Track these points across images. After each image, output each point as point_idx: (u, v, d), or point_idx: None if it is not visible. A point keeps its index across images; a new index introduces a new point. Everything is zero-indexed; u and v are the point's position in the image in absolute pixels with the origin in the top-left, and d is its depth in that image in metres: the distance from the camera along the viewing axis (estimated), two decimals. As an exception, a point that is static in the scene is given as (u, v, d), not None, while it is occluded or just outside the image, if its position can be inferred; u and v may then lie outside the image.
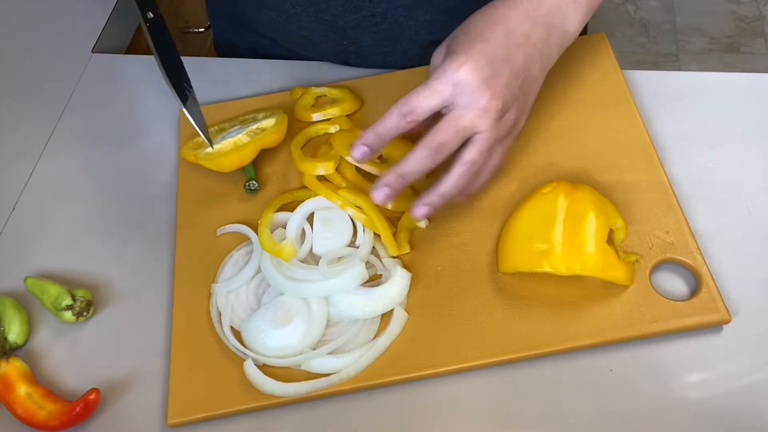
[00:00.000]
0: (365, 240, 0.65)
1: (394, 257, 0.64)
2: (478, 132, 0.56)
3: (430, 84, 0.56)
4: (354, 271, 0.62)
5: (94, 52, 0.89)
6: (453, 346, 0.59)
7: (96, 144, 0.79)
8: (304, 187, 0.69)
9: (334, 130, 0.73)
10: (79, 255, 0.70)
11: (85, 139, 0.80)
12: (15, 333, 0.64)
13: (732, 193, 0.67)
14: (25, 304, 0.66)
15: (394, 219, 0.66)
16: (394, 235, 0.65)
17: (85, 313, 0.65)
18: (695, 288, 0.61)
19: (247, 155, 0.70)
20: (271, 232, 0.66)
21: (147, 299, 0.66)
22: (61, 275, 0.68)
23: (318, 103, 0.77)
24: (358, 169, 0.69)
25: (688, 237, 0.62)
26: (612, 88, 0.73)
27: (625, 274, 0.60)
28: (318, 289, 0.62)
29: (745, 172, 0.68)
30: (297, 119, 0.76)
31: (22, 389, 0.59)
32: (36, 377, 0.62)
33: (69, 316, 0.64)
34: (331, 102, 0.76)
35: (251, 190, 0.70)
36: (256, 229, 0.67)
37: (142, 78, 0.85)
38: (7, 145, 0.81)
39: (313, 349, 0.60)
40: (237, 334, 0.62)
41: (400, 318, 0.61)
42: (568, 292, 0.61)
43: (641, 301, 0.60)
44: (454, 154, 0.57)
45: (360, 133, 0.58)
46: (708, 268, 0.61)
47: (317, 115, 0.75)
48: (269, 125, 0.72)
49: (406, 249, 0.65)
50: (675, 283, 0.62)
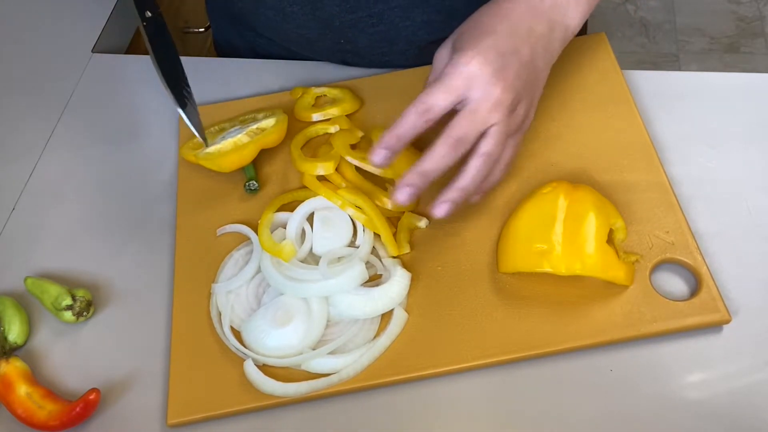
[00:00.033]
0: (365, 240, 0.65)
1: (394, 257, 0.64)
2: (493, 124, 0.56)
3: (444, 81, 0.56)
4: (354, 271, 0.62)
5: (94, 52, 0.89)
6: (453, 346, 0.59)
7: (96, 144, 0.79)
8: (304, 187, 0.69)
9: (334, 130, 0.73)
10: (79, 255, 0.70)
11: (85, 139, 0.80)
12: (15, 333, 0.64)
13: (732, 193, 0.67)
14: (25, 304, 0.66)
15: (394, 219, 0.66)
16: (394, 235, 0.65)
17: (85, 313, 0.65)
18: (695, 288, 0.61)
19: (247, 155, 0.70)
20: (271, 232, 0.66)
21: (147, 299, 0.66)
22: (61, 275, 0.68)
23: (318, 103, 0.77)
24: (358, 169, 0.69)
25: (688, 237, 0.62)
26: (612, 88, 0.73)
27: (625, 274, 0.60)
28: (318, 289, 0.62)
29: (745, 172, 0.68)
30: (297, 119, 0.76)
31: (22, 389, 0.59)
32: (36, 377, 0.62)
33: (69, 316, 0.64)
34: (331, 102, 0.76)
35: (251, 190, 0.70)
36: (256, 229, 0.67)
37: (142, 78, 0.85)
38: (7, 145, 0.81)
39: (313, 349, 0.60)
40: (237, 334, 0.62)
41: (400, 318, 0.61)
42: (568, 292, 0.61)
43: (641, 301, 0.60)
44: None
45: (378, 138, 0.57)
46: (708, 268, 0.61)
47: (317, 115, 0.75)
48: (269, 125, 0.72)
49: (406, 249, 0.65)
50: (675, 283, 0.62)
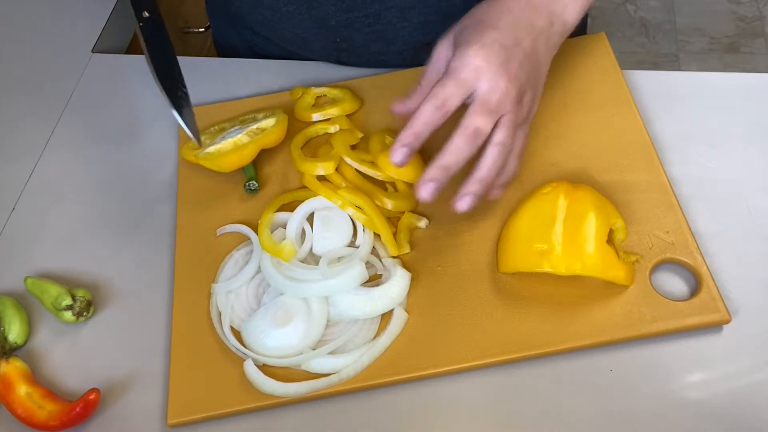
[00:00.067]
0: (365, 240, 0.65)
1: (394, 257, 0.64)
2: (504, 114, 0.58)
3: (453, 74, 0.57)
4: (354, 271, 0.62)
5: (94, 52, 0.89)
6: (453, 346, 0.59)
7: (96, 144, 0.79)
8: (304, 187, 0.69)
9: (334, 130, 0.73)
10: (79, 255, 0.70)
11: (85, 139, 0.80)
12: (15, 333, 0.64)
13: (732, 193, 0.67)
14: (25, 304, 0.66)
15: (394, 219, 0.66)
16: (394, 235, 0.65)
17: (85, 313, 0.65)
18: (695, 288, 0.61)
19: (247, 155, 0.70)
20: (271, 232, 0.66)
21: (147, 299, 0.66)
22: (61, 275, 0.68)
23: (318, 103, 0.77)
24: (357, 169, 0.69)
25: (688, 237, 0.62)
26: (612, 88, 0.73)
27: (625, 274, 0.60)
28: (318, 289, 0.62)
29: (745, 172, 0.68)
30: (297, 119, 0.75)
31: (22, 389, 0.59)
32: (36, 377, 0.62)
33: (69, 316, 0.64)
34: (331, 102, 0.76)
35: (251, 190, 0.70)
36: (256, 229, 0.67)
37: (142, 78, 0.85)
38: (7, 145, 0.81)
39: (313, 349, 0.60)
40: (237, 334, 0.62)
41: (400, 318, 0.61)
42: (568, 292, 0.61)
43: (641, 301, 0.60)
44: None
45: (396, 137, 0.58)
46: (708, 268, 0.61)
47: (317, 115, 0.75)
48: (269, 125, 0.72)
49: (406, 249, 0.65)
50: (675, 283, 0.62)
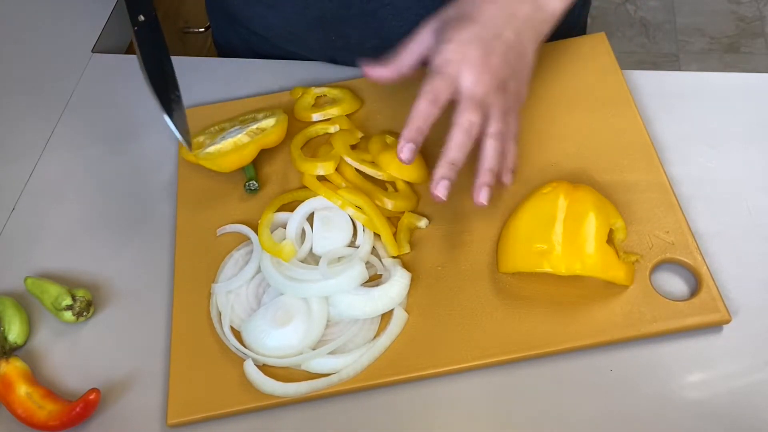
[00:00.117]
0: (365, 240, 0.65)
1: (394, 257, 0.64)
2: (492, 105, 0.60)
3: (438, 71, 0.59)
4: (354, 271, 0.62)
5: (94, 52, 0.89)
6: (453, 346, 0.59)
7: (96, 144, 0.79)
8: (304, 187, 0.69)
9: (334, 130, 0.73)
10: (79, 255, 0.70)
11: (85, 139, 0.80)
12: (15, 333, 0.64)
13: (732, 193, 0.67)
14: (25, 304, 0.66)
15: (394, 219, 0.66)
16: (394, 235, 0.65)
17: (85, 313, 0.65)
18: (695, 288, 0.61)
19: (247, 155, 0.70)
20: (271, 232, 0.66)
21: (147, 299, 0.66)
22: (61, 275, 0.68)
23: (318, 103, 0.77)
24: (357, 169, 0.69)
25: (688, 237, 0.62)
26: (612, 88, 0.73)
27: (625, 274, 0.60)
28: (318, 289, 0.62)
29: (745, 172, 0.68)
30: (297, 119, 0.75)
31: (22, 389, 0.59)
32: (36, 377, 0.62)
33: (69, 316, 0.64)
34: (331, 102, 0.76)
35: (251, 190, 0.70)
36: (256, 229, 0.67)
37: (142, 78, 0.84)
38: (7, 145, 0.81)
39: (313, 349, 0.60)
40: (237, 334, 0.62)
41: (400, 318, 0.61)
42: (568, 292, 0.61)
43: (641, 301, 0.60)
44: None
45: (400, 136, 0.59)
46: (708, 268, 0.61)
47: (317, 115, 0.75)
48: (269, 125, 0.72)
49: (406, 249, 0.65)
50: (675, 283, 0.62)
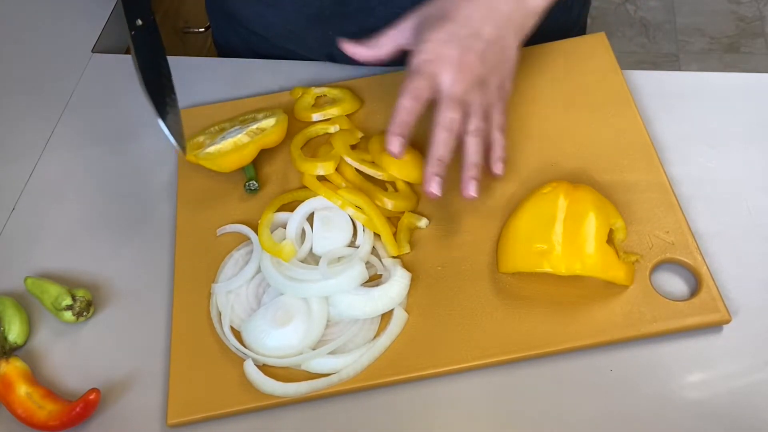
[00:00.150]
0: (365, 240, 0.65)
1: (394, 257, 0.64)
2: (471, 102, 0.61)
3: (417, 70, 0.60)
4: (354, 271, 0.62)
5: (94, 52, 0.89)
6: (453, 346, 0.59)
7: (96, 144, 0.79)
8: (304, 187, 0.69)
9: (334, 130, 0.73)
10: (79, 255, 0.70)
11: (85, 139, 0.80)
12: (15, 333, 0.64)
13: (732, 193, 0.67)
14: (25, 304, 0.66)
15: (394, 219, 0.66)
16: (394, 235, 0.65)
17: (85, 313, 0.65)
18: (695, 288, 0.61)
19: (247, 155, 0.70)
20: (271, 232, 0.66)
21: (147, 299, 0.66)
22: (61, 275, 0.68)
23: (318, 103, 0.77)
24: (357, 169, 0.69)
25: (688, 237, 0.62)
26: (612, 88, 0.73)
27: (625, 274, 0.60)
28: (318, 289, 0.62)
29: (745, 172, 0.68)
30: (297, 119, 0.75)
31: (22, 389, 0.59)
32: (36, 377, 0.62)
33: (69, 316, 0.64)
34: (331, 102, 0.76)
35: (251, 190, 0.70)
36: (256, 229, 0.67)
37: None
38: (7, 145, 0.81)
39: (313, 349, 0.60)
40: (237, 334, 0.62)
41: (400, 318, 0.61)
42: (568, 292, 0.61)
43: (641, 301, 0.60)
44: None
45: (387, 132, 0.60)
46: (708, 268, 0.61)
47: (317, 115, 0.75)
48: (269, 125, 0.72)
49: (406, 249, 0.65)
50: (675, 283, 0.62)
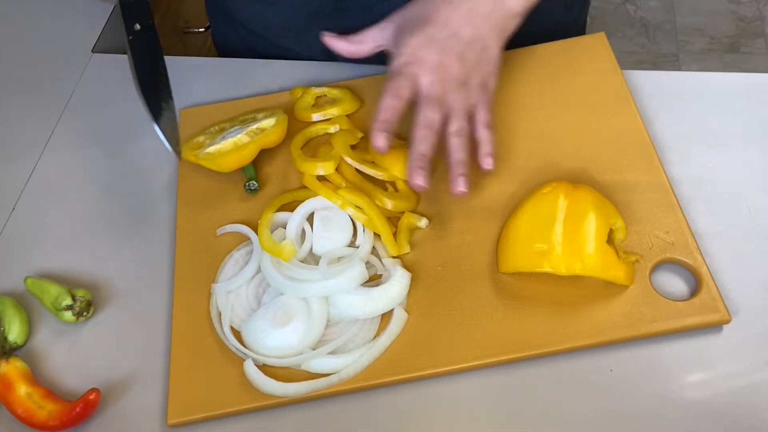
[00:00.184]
0: (365, 240, 0.65)
1: (394, 257, 0.64)
2: (451, 103, 0.61)
3: (398, 71, 0.62)
4: (354, 271, 0.62)
5: (94, 52, 0.89)
6: (453, 346, 0.59)
7: (96, 144, 0.79)
8: (304, 187, 0.69)
9: (334, 130, 0.73)
10: (79, 255, 0.70)
11: (85, 139, 0.80)
12: (15, 333, 0.64)
13: (732, 193, 0.67)
14: (25, 304, 0.66)
15: (394, 219, 0.66)
16: (394, 235, 0.65)
17: (85, 313, 0.65)
18: (695, 288, 0.61)
19: (247, 155, 0.70)
20: (271, 232, 0.66)
21: (147, 299, 0.66)
22: (61, 275, 0.68)
23: (318, 103, 0.77)
24: (357, 169, 0.69)
25: (688, 237, 0.62)
26: (612, 88, 0.73)
27: (625, 274, 0.60)
28: (318, 289, 0.62)
29: (745, 172, 0.68)
30: (297, 119, 0.75)
31: (22, 389, 0.59)
32: (36, 377, 0.62)
33: (69, 316, 0.64)
34: (331, 102, 0.76)
35: (251, 190, 0.70)
36: (256, 229, 0.67)
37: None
38: (7, 145, 0.81)
39: (313, 349, 0.60)
40: (237, 334, 0.62)
41: (400, 318, 0.61)
42: (568, 292, 0.61)
43: (641, 301, 0.60)
44: None
45: (371, 129, 0.61)
46: (708, 268, 0.61)
47: (317, 115, 0.75)
48: (269, 125, 0.72)
49: (406, 249, 0.65)
50: (675, 283, 0.62)
